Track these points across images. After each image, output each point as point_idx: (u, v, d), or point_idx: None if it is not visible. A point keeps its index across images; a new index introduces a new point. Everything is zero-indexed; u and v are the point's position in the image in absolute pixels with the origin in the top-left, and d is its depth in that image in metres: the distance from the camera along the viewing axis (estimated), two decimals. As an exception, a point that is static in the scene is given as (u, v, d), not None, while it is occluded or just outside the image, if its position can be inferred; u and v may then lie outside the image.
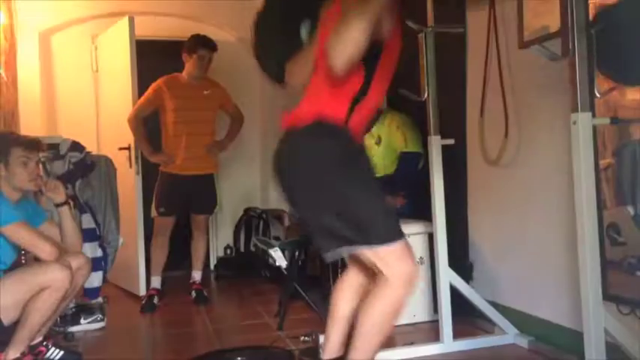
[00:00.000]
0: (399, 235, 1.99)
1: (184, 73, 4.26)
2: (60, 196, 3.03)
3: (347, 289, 2.28)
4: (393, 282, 1.95)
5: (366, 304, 2.03)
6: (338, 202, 1.99)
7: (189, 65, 4.21)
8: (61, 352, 2.94)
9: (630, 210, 2.45)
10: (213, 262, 5.43)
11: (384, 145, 3.88)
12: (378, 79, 2.09)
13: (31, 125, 4.50)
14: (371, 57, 1.95)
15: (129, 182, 4.37)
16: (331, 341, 2.28)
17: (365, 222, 1.97)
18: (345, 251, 2.01)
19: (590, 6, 2.37)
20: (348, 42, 1.83)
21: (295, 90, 2.30)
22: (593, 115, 2.20)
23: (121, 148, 4.44)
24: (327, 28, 2.01)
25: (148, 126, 4.27)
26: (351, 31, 1.83)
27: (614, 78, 2.31)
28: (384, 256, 1.96)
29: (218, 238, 5.56)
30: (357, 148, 2.15)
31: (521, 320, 3.03)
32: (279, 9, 2.46)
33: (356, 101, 2.06)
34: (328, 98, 2.05)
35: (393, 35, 2.09)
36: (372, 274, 2.19)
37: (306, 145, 2.06)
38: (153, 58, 4.97)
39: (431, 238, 3.18)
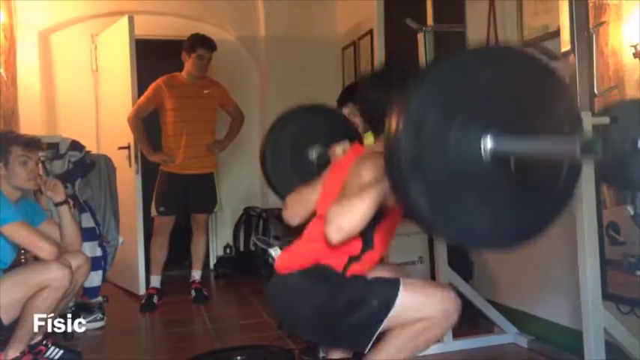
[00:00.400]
0: (395, 284, 1.93)
1: (184, 73, 4.25)
2: (59, 195, 3.03)
3: None
4: (435, 318, 1.91)
5: (400, 327, 1.95)
6: (340, 313, 1.95)
7: (189, 64, 4.21)
8: (61, 351, 2.94)
9: (630, 209, 2.45)
10: (212, 261, 5.43)
11: (383, 144, 3.87)
12: (378, 239, 2.02)
13: (30, 124, 4.49)
14: (373, 221, 1.87)
15: (128, 181, 4.37)
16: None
17: (366, 308, 1.92)
18: (375, 334, 1.94)
19: (590, 5, 2.37)
20: (349, 218, 1.79)
21: (288, 222, 2.29)
22: (593, 114, 2.20)
23: (120, 148, 4.43)
24: (335, 183, 1.99)
25: (147, 125, 4.27)
26: (354, 208, 1.79)
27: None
28: (409, 310, 1.91)
29: (218, 237, 5.56)
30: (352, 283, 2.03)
31: (521, 319, 3.03)
32: (292, 126, 2.55)
33: (354, 259, 2.00)
34: (325, 256, 1.98)
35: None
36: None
37: (300, 288, 2.02)
38: (152, 58, 4.97)
39: (431, 237, 3.18)
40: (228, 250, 5.53)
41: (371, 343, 1.94)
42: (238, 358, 2.92)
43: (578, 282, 2.17)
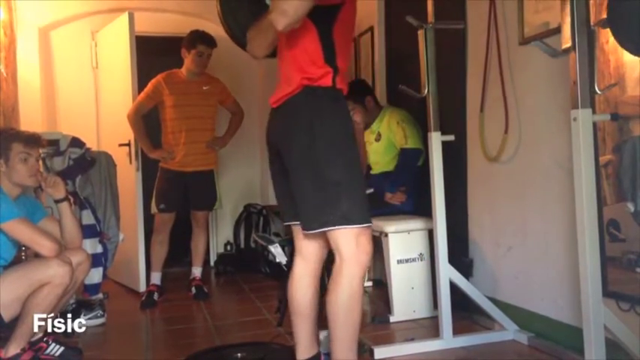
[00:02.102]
0: (368, 218, 2.13)
1: (183, 69, 4.25)
2: (59, 192, 3.03)
3: (299, 280, 2.33)
4: (349, 261, 2.08)
5: (328, 299, 2.12)
6: (340, 175, 2.07)
7: (188, 61, 4.20)
8: (62, 348, 2.94)
9: (630, 206, 2.45)
10: (213, 258, 5.44)
11: (384, 141, 3.88)
12: (338, 38, 2.14)
13: (31, 121, 4.50)
14: (326, 21, 2.05)
15: (129, 178, 4.37)
16: (302, 340, 2.31)
17: (356, 201, 2.08)
18: (328, 229, 2.10)
19: (591, 2, 2.37)
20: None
21: (256, 56, 2.35)
22: (594, 112, 2.20)
23: (121, 145, 4.44)
24: None
25: (147, 122, 4.26)
26: None
27: (636, 51, 2.27)
28: (357, 235, 2.09)
29: (218, 234, 5.56)
30: (346, 109, 2.23)
31: (521, 316, 3.03)
32: None
33: (332, 63, 2.12)
34: (306, 66, 2.12)
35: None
36: (319, 259, 2.31)
37: (309, 108, 2.12)
38: (153, 54, 4.97)
39: (431, 234, 3.18)
40: (228, 247, 5.54)
41: (318, 230, 2.11)
42: (238, 355, 2.93)
43: (579, 279, 2.17)
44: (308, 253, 2.30)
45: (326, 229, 2.10)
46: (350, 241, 2.10)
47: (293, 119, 2.14)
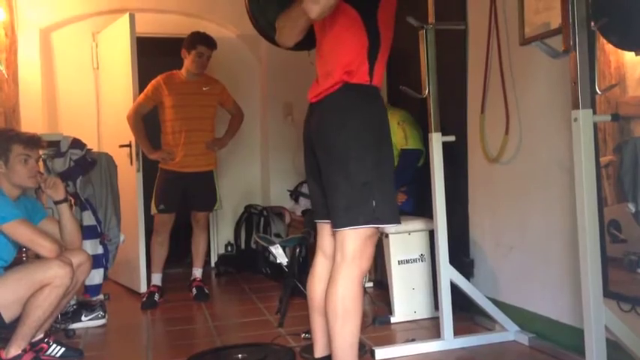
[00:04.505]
0: (398, 219, 2.16)
1: (183, 70, 4.25)
2: (59, 193, 3.03)
3: (320, 278, 2.32)
4: (350, 260, 2.08)
5: (326, 302, 2.12)
6: (370, 175, 2.08)
7: (188, 62, 4.20)
8: (62, 349, 2.95)
9: (631, 207, 2.45)
10: (213, 259, 5.43)
11: (384, 142, 3.87)
12: (383, 27, 2.13)
13: (31, 122, 4.50)
14: (369, 8, 2.03)
15: (130, 179, 4.38)
16: (319, 337, 2.31)
17: (386, 200, 2.09)
18: (357, 227, 2.10)
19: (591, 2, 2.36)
20: None
21: (285, 45, 2.32)
22: (594, 112, 2.20)
23: (121, 146, 4.44)
24: None
25: (147, 123, 4.26)
26: None
27: (619, 44, 2.28)
28: (367, 237, 2.10)
29: (219, 235, 5.56)
30: (383, 108, 2.23)
31: (521, 317, 3.03)
32: None
33: (373, 57, 2.12)
34: (346, 61, 2.10)
35: None
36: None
37: (346, 106, 2.12)
38: (153, 55, 4.97)
39: (431, 235, 3.18)
40: (229, 248, 5.54)
41: (345, 229, 2.10)
42: (239, 355, 2.93)
43: (580, 280, 2.17)
44: (331, 251, 2.26)
45: (356, 227, 2.09)
46: (356, 242, 2.10)
47: (329, 118, 2.15)
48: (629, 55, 2.33)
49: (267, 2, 2.43)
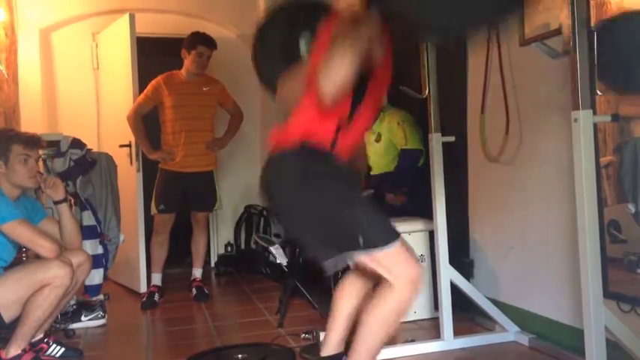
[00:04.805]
0: (392, 237, 1.98)
1: (183, 70, 4.25)
2: (59, 193, 3.03)
3: (348, 289, 2.30)
4: (397, 286, 1.95)
5: (370, 305, 2.03)
6: (326, 216, 2.01)
7: (188, 62, 4.21)
8: (62, 349, 2.95)
9: (631, 207, 2.45)
10: (213, 259, 5.44)
11: (384, 142, 3.88)
12: (366, 105, 2.10)
13: (31, 122, 4.50)
14: (360, 83, 1.96)
15: (129, 179, 4.38)
16: (331, 338, 2.29)
17: (354, 229, 1.97)
18: (341, 259, 2.01)
19: (592, 3, 2.36)
20: (336, 73, 1.84)
21: (283, 105, 2.31)
22: (594, 113, 2.19)
23: (121, 146, 4.44)
24: (319, 52, 2.01)
25: (147, 123, 4.26)
26: (339, 62, 1.84)
27: (615, 87, 2.31)
28: (383, 261, 1.97)
29: (219, 235, 5.56)
30: (342, 167, 2.12)
31: (521, 318, 3.03)
32: (281, 20, 2.47)
33: (341, 127, 2.06)
34: (316, 122, 2.04)
35: (383, 62, 2.10)
36: (373, 276, 2.21)
37: (292, 168, 2.08)
38: (153, 55, 4.97)
39: (431, 235, 3.18)
40: (229, 248, 5.54)
41: (333, 262, 2.00)
42: (239, 356, 2.93)
43: (580, 280, 2.17)
44: (362, 268, 2.19)
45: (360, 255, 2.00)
46: (373, 264, 2.00)
47: (282, 176, 2.13)
48: (629, 56, 2.33)
49: (271, 54, 2.47)
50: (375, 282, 2.21)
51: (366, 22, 1.88)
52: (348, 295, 2.28)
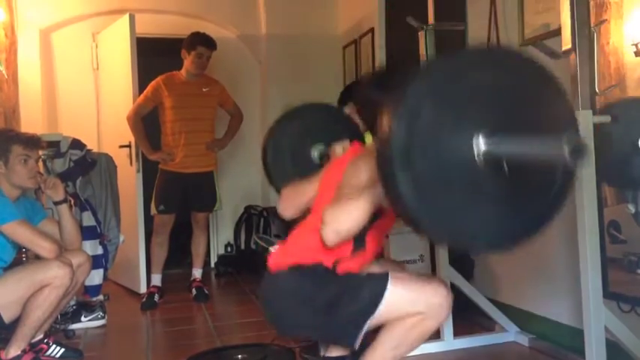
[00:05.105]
0: (383, 282, 1.90)
1: (183, 71, 4.25)
2: (59, 194, 3.03)
3: None
4: (426, 313, 1.88)
5: (392, 321, 1.93)
6: (329, 311, 1.95)
7: (188, 62, 4.20)
8: (62, 350, 2.95)
9: (631, 208, 2.45)
10: (213, 259, 5.43)
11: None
12: (370, 241, 2.03)
13: (31, 123, 4.49)
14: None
15: (129, 180, 4.37)
16: None
17: (355, 304, 1.92)
18: (364, 329, 1.93)
19: (591, 3, 2.37)
20: (346, 220, 1.80)
21: (281, 213, 2.31)
22: (594, 113, 2.19)
23: (121, 146, 4.44)
24: (330, 183, 1.99)
25: (147, 124, 4.26)
26: (351, 211, 1.79)
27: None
28: (409, 303, 1.89)
29: (219, 235, 5.56)
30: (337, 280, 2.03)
31: (521, 318, 3.03)
32: (297, 124, 2.52)
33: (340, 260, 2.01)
34: (316, 253, 1.97)
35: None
36: None
37: (291, 284, 2.04)
38: (154, 56, 4.97)
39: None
40: (229, 249, 5.53)
41: (359, 338, 1.93)
42: (239, 356, 2.93)
43: (579, 280, 2.17)
44: None
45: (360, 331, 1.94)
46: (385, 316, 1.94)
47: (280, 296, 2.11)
48: (628, 56, 2.34)
49: (281, 156, 2.56)
50: None
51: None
52: None
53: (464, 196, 1.41)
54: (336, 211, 1.82)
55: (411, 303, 1.89)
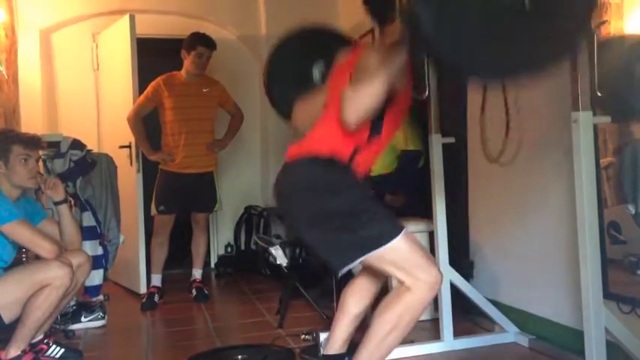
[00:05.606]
0: (397, 231, 1.97)
1: (183, 71, 4.25)
2: (59, 194, 3.03)
3: (357, 290, 2.28)
4: (415, 289, 1.95)
5: (382, 306, 2.02)
6: (338, 220, 2.00)
7: (188, 63, 4.21)
8: (62, 350, 2.95)
9: (631, 208, 2.45)
10: (213, 260, 5.43)
11: (384, 143, 3.87)
12: (385, 128, 2.10)
13: (31, 123, 4.50)
14: (381, 107, 1.96)
15: (130, 180, 4.37)
16: (336, 336, 2.28)
17: (364, 231, 1.98)
18: (355, 262, 2.00)
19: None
20: (364, 100, 1.87)
21: (298, 129, 2.33)
22: (594, 114, 2.19)
23: (121, 146, 4.44)
24: (342, 78, 2.03)
25: (147, 124, 4.26)
26: (367, 90, 1.87)
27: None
28: (400, 263, 1.96)
29: (219, 236, 5.56)
30: (357, 179, 2.11)
31: (521, 319, 3.03)
32: (295, 47, 2.48)
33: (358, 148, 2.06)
34: (334, 139, 2.04)
35: (406, 88, 2.13)
36: (383, 277, 2.21)
37: (307, 173, 2.07)
38: (154, 56, 4.96)
39: (431, 236, 3.18)
40: (229, 249, 5.53)
41: (346, 269, 2.00)
42: (239, 357, 2.93)
43: (580, 281, 2.17)
44: (373, 270, 2.21)
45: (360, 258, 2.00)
46: (381, 265, 2.02)
47: (299, 181, 2.12)
48: (629, 57, 2.33)
49: (283, 80, 2.52)
50: (384, 282, 2.21)
51: (399, 52, 1.90)
52: (357, 295, 2.27)
53: (484, 28, 1.59)
54: (354, 92, 1.89)
55: (404, 266, 1.97)
